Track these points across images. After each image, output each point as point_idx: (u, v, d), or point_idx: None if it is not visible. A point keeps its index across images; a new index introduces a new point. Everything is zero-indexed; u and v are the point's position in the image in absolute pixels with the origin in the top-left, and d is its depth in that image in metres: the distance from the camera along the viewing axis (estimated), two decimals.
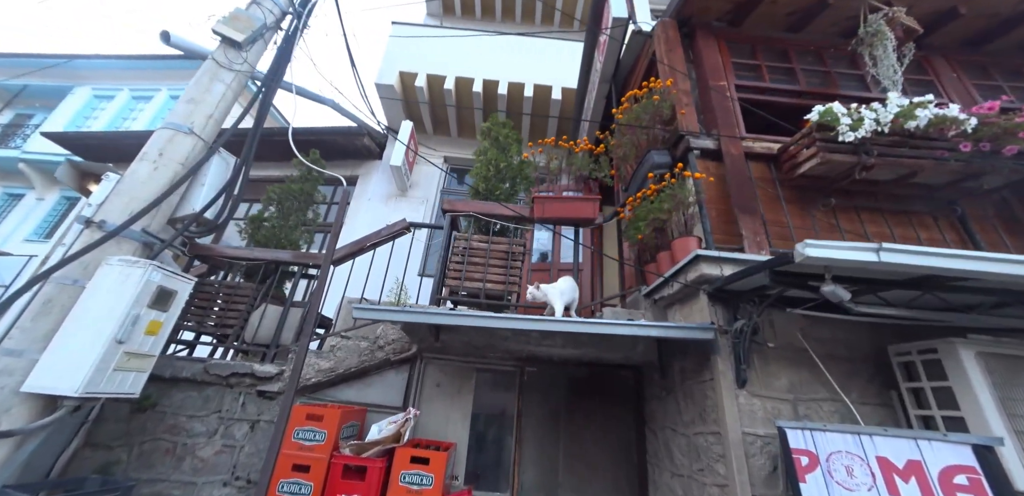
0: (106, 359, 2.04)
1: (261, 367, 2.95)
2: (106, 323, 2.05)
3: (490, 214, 3.25)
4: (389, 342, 3.07)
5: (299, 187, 4.13)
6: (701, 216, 2.54)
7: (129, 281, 2.14)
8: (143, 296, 2.19)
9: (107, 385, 2.07)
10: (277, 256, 3.43)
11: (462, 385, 3.09)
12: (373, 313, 1.98)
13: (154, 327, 2.27)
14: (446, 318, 1.99)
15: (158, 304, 2.28)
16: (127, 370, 2.16)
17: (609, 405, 3.02)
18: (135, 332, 2.15)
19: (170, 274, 2.33)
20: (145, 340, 2.25)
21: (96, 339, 2.02)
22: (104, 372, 2.04)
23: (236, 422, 2.87)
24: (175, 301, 2.39)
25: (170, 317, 2.39)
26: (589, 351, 2.70)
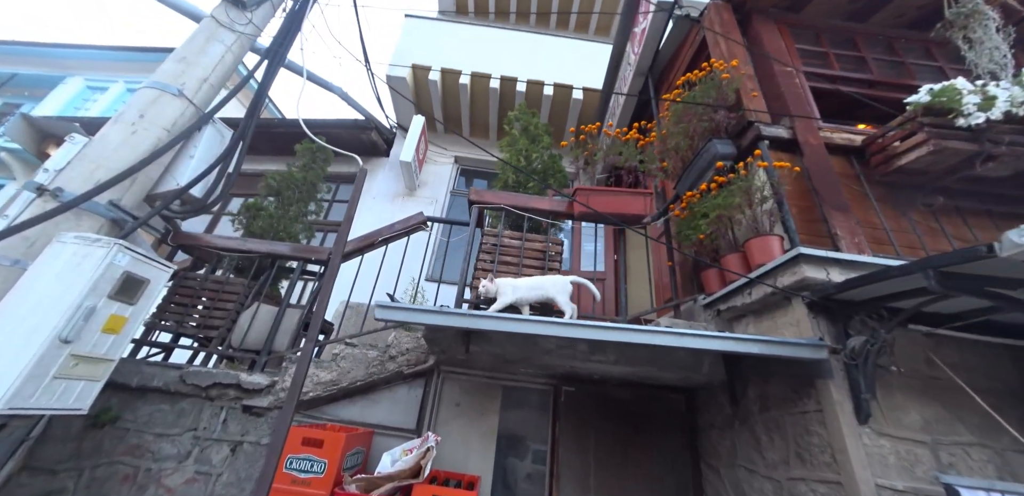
0: (43, 363, 1.57)
1: (249, 377, 2.48)
2: (48, 316, 1.60)
3: (524, 208, 2.86)
4: (402, 352, 2.62)
5: (302, 176, 3.72)
6: (782, 212, 2.17)
7: (86, 263, 1.69)
8: (103, 283, 1.73)
9: (43, 398, 1.60)
10: (274, 249, 2.99)
11: (486, 405, 2.64)
12: (401, 314, 1.56)
13: (115, 324, 1.82)
14: (498, 323, 1.57)
15: (123, 295, 1.83)
16: (73, 378, 1.70)
17: (657, 434, 2.58)
18: (88, 329, 1.69)
19: (142, 258, 1.89)
20: (102, 340, 1.78)
21: (31, 337, 1.56)
22: (39, 380, 1.57)
23: (214, 443, 2.38)
24: (146, 292, 1.94)
25: (138, 312, 1.94)
26: (644, 369, 2.28)
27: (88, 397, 1.79)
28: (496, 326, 1.59)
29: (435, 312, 1.57)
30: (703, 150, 2.69)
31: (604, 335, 1.68)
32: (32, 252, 1.76)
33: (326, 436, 2.02)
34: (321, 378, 2.52)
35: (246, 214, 3.35)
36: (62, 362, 1.62)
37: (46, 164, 1.93)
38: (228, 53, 2.46)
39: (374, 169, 6.35)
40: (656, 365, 2.25)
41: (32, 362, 1.52)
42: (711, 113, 2.65)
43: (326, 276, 1.92)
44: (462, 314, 1.59)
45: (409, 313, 1.56)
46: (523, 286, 2.31)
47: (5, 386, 1.47)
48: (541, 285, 2.33)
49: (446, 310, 1.57)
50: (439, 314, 1.56)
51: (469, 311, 1.57)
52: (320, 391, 2.48)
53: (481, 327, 1.61)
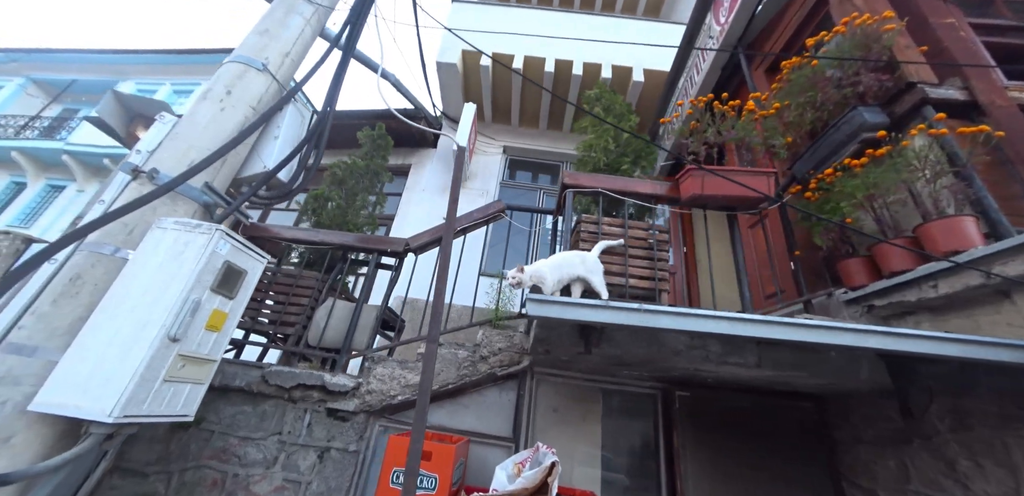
0: (154, 365, 1.41)
1: (333, 378, 2.29)
2: (155, 310, 1.43)
3: (623, 192, 2.55)
4: (494, 352, 2.38)
5: (364, 164, 3.53)
6: (973, 188, 1.78)
7: (188, 252, 1.52)
8: (206, 274, 1.55)
9: (154, 404, 1.44)
10: (347, 240, 2.80)
11: (587, 411, 2.37)
12: (560, 309, 1.26)
13: (217, 320, 1.64)
14: (689, 321, 1.25)
15: (224, 287, 1.65)
16: (181, 381, 1.53)
17: (789, 448, 2.24)
18: (194, 326, 1.52)
19: (240, 247, 1.71)
20: (205, 338, 1.61)
21: (140, 334, 1.39)
22: (151, 384, 1.41)
23: (300, 449, 2.21)
24: (244, 285, 1.76)
25: (237, 307, 1.77)
26: (786, 375, 1.94)
27: (194, 402, 1.63)
28: (685, 324, 1.27)
29: (611, 308, 1.27)
30: (841, 121, 2.30)
31: (829, 337, 1.34)
32: (132, 240, 1.61)
33: (435, 448, 1.80)
34: (409, 380, 2.31)
35: (313, 203, 3.19)
36: (171, 363, 1.46)
37: (138, 145, 1.77)
38: (307, 27, 2.26)
39: (421, 161, 6.18)
40: (805, 370, 1.91)
41: (144, 363, 1.35)
42: (853, 77, 2.25)
43: (441, 264, 1.68)
44: (643, 310, 1.30)
45: (576, 309, 1.28)
46: (552, 265, 2.03)
47: (118, 391, 1.31)
48: (568, 262, 2.04)
49: (623, 306, 1.28)
50: (615, 310, 1.27)
51: (645, 306, 1.29)
52: (409, 394, 2.27)
53: (658, 325, 1.30)
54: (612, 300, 1.76)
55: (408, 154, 6.23)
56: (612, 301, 1.28)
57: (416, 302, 4.40)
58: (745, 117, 2.54)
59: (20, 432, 1.37)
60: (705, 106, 2.67)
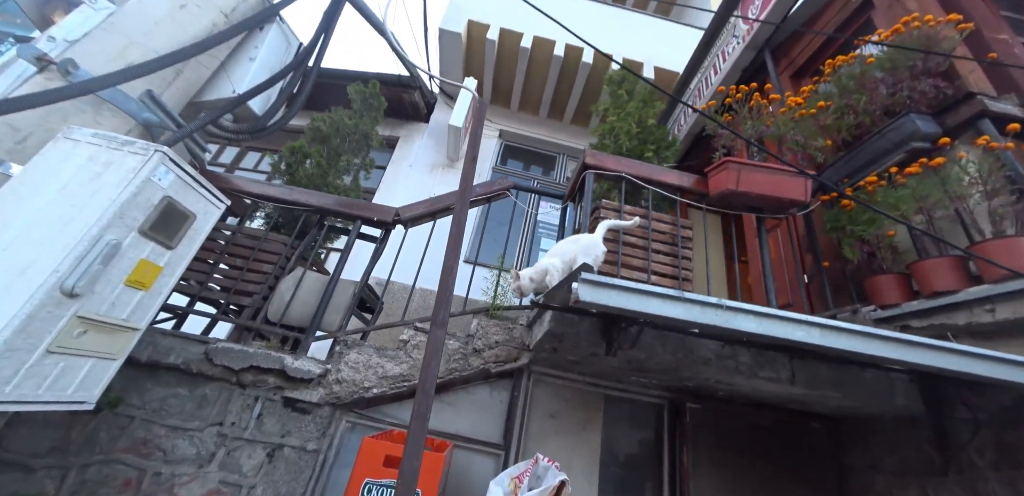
0: (33, 329, 0.99)
1: (296, 362, 1.91)
2: (47, 252, 1.00)
3: (649, 180, 2.31)
4: (489, 345, 2.07)
5: (353, 123, 3.10)
6: None
7: (109, 176, 1.10)
8: (133, 210, 1.13)
9: (27, 384, 1.02)
10: (327, 203, 2.39)
11: (587, 419, 2.12)
12: (624, 298, 0.96)
13: (146, 274, 1.23)
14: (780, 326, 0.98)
15: (160, 232, 1.23)
16: (78, 353, 1.11)
17: (797, 470, 2.09)
18: (106, 279, 1.11)
19: (190, 181, 1.30)
20: (124, 297, 1.20)
21: (16, 283, 0.97)
22: (23, 356, 0.99)
23: (246, 444, 1.82)
24: (191, 234, 1.35)
25: (177, 261, 1.36)
26: (820, 393, 1.77)
27: (97, 384, 1.21)
28: (771, 329, 1.01)
29: (685, 300, 0.99)
30: (888, 128, 2.16)
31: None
32: (23, 151, 1.16)
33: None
34: (388, 370, 1.96)
35: (289, 159, 2.73)
36: (63, 327, 1.04)
37: (52, 31, 1.29)
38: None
39: (411, 135, 5.72)
40: (840, 390, 1.74)
41: (13, 324, 0.93)
42: (910, 81, 2.11)
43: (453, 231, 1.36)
44: (724, 307, 1.03)
45: (643, 298, 0.98)
46: (555, 255, 1.86)
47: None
48: (567, 249, 1.82)
49: (699, 298, 1.00)
50: (688, 304, 0.98)
51: (726, 301, 1.03)
52: (386, 387, 1.93)
53: (737, 327, 1.04)
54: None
55: (396, 126, 5.75)
56: (686, 292, 1.02)
57: (395, 287, 3.99)
58: (786, 113, 2.36)
59: None
60: (745, 97, 2.47)
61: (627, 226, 2.07)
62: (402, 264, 2.55)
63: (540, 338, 1.81)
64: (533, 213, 4.91)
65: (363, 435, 1.94)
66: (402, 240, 2.42)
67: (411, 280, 2.37)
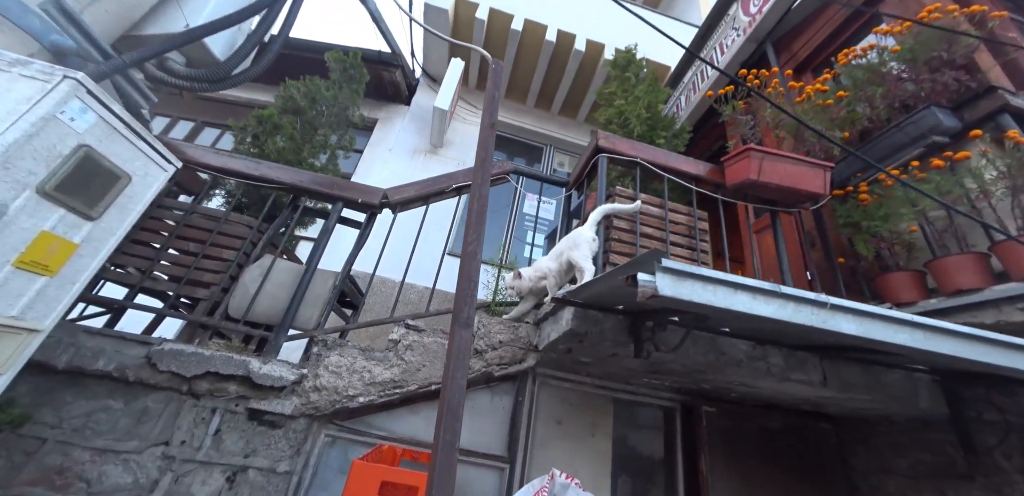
0: None
1: (264, 367, 1.60)
2: None
3: (664, 167, 2.14)
4: (493, 345, 1.84)
5: (332, 94, 2.75)
6: None
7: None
8: (23, 156, 0.80)
9: None
10: (301, 180, 2.06)
11: (596, 424, 1.93)
12: (718, 293, 0.74)
13: (51, 253, 0.91)
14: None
15: (75, 194, 0.91)
16: None
17: (811, 472, 2.01)
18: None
19: (121, 127, 0.97)
20: (13, 283, 0.86)
21: None
22: None
23: (199, 467, 1.50)
24: (121, 202, 1.03)
25: (101, 237, 1.03)
26: (849, 396, 1.67)
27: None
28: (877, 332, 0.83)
29: (781, 295, 0.79)
30: (907, 121, 2.10)
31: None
32: None
33: (420, 480, 1.22)
34: (376, 376, 1.68)
35: (257, 129, 2.35)
36: None
37: None
38: None
39: (391, 118, 5.33)
40: (870, 392, 1.64)
41: None
42: (930, 74, 2.05)
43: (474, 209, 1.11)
44: (830, 305, 0.84)
45: (728, 292, 0.77)
46: (552, 256, 1.80)
47: None
48: (562, 247, 1.77)
49: (798, 293, 0.80)
50: (783, 300, 0.79)
51: (831, 298, 0.85)
52: (375, 395, 1.65)
53: (837, 329, 0.85)
54: None
55: (375, 107, 5.33)
56: (782, 286, 0.84)
57: (374, 281, 3.62)
58: (805, 102, 2.26)
59: None
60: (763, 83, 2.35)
61: (627, 210, 1.91)
62: (385, 255, 2.25)
63: (555, 338, 1.60)
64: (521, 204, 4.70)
65: (345, 451, 1.66)
66: (390, 227, 2.13)
67: (392, 274, 2.10)
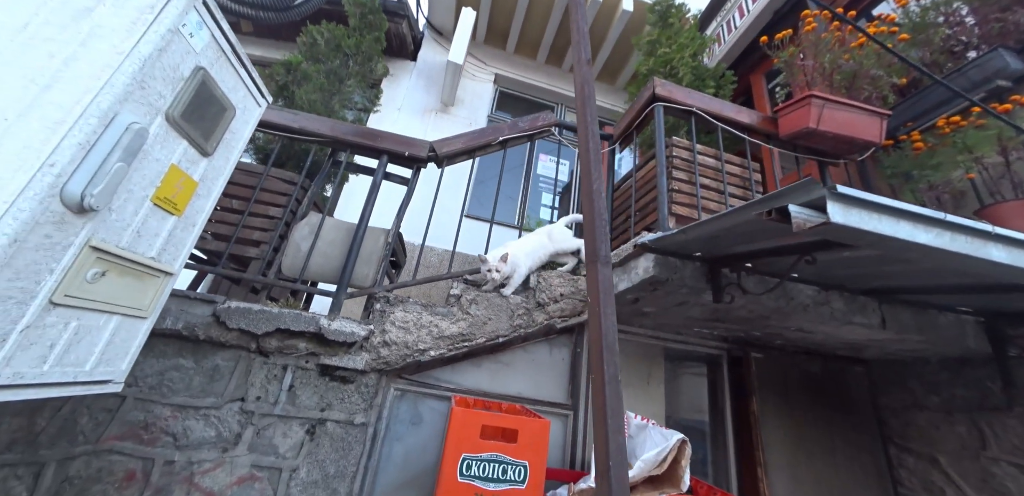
0: (22, 265, 0.60)
1: (333, 323, 1.57)
2: (23, 131, 0.56)
3: (720, 116, 2.06)
4: (555, 298, 1.84)
5: (355, 41, 2.54)
6: None
7: (106, 12, 0.64)
8: (155, 75, 0.70)
9: (20, 359, 0.62)
10: (342, 133, 1.94)
11: (650, 373, 1.99)
12: (889, 221, 0.72)
13: (179, 190, 0.83)
14: None
15: (194, 122, 0.81)
16: (94, 307, 0.72)
17: (850, 414, 2.12)
18: (129, 190, 0.70)
19: (232, 54, 0.86)
20: (151, 222, 0.80)
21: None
22: (14, 310, 0.59)
23: (278, 421, 1.51)
24: (228, 139, 0.93)
25: (214, 177, 0.95)
26: (904, 337, 1.72)
27: (125, 354, 0.83)
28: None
29: (943, 223, 0.77)
30: (971, 65, 2.04)
31: None
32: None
33: (523, 425, 1.25)
34: (444, 330, 1.68)
35: (286, 78, 2.17)
36: (71, 263, 0.63)
37: None
38: None
39: (398, 75, 5.01)
40: (922, 333, 1.70)
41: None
42: (1000, 12, 1.97)
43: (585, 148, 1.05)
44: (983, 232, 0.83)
45: (893, 220, 0.75)
46: (526, 252, 1.89)
47: None
48: (539, 244, 1.96)
49: (957, 221, 0.79)
50: (944, 226, 0.77)
51: (994, 227, 0.84)
52: (444, 349, 1.66)
53: (988, 257, 0.83)
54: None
55: None
56: (946, 214, 0.82)
57: (410, 247, 3.54)
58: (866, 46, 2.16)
59: None
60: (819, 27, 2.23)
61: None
62: (420, 213, 2.20)
63: (626, 288, 1.59)
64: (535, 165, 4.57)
65: (415, 404, 1.69)
66: (439, 182, 2.05)
67: (412, 238, 2.05)
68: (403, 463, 1.60)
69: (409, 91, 4.85)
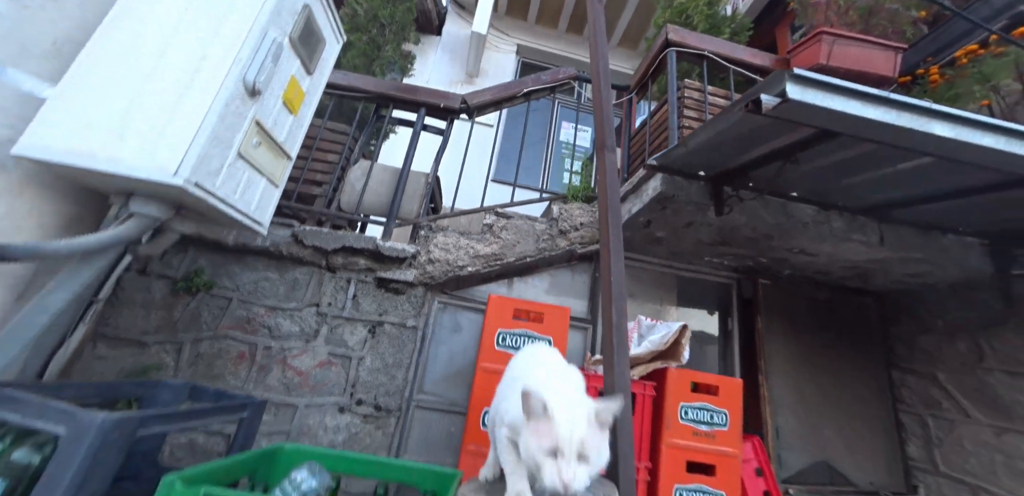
0: (227, 122, 0.94)
1: (387, 243, 1.88)
2: (220, 39, 0.92)
3: (731, 59, 2.18)
4: (575, 226, 2.07)
5: (388, 12, 2.78)
6: None
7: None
8: (285, 12, 1.02)
9: (228, 185, 0.98)
10: (386, 89, 2.22)
11: (663, 298, 2.21)
12: (836, 100, 0.89)
13: (295, 96, 1.14)
14: None
15: (304, 47, 1.12)
16: (256, 168, 1.07)
17: (854, 338, 2.27)
18: (274, 86, 1.03)
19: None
20: (281, 115, 1.13)
21: (202, 68, 0.89)
22: (224, 151, 0.94)
23: (345, 322, 1.85)
24: (321, 64, 1.23)
25: (314, 91, 1.27)
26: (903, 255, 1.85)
27: (267, 210, 1.17)
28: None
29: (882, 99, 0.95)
30: None
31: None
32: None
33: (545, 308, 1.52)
34: (479, 251, 1.96)
35: None
36: (247, 129, 0.98)
37: None
38: None
39: (425, 49, 5.24)
40: (924, 251, 1.82)
41: (215, 111, 0.87)
42: None
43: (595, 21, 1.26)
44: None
45: (846, 99, 0.94)
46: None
47: (181, 143, 0.81)
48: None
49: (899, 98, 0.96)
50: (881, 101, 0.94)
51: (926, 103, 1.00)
52: (480, 266, 1.94)
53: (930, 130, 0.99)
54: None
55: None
56: (889, 93, 0.99)
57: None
58: None
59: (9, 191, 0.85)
60: None
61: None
62: (452, 172, 2.44)
63: (638, 210, 1.80)
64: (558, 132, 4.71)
65: (455, 315, 2.00)
66: (470, 131, 2.30)
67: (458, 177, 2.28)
68: (447, 361, 1.93)
69: (435, 64, 5.07)
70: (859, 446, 2.09)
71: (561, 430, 0.69)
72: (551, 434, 0.69)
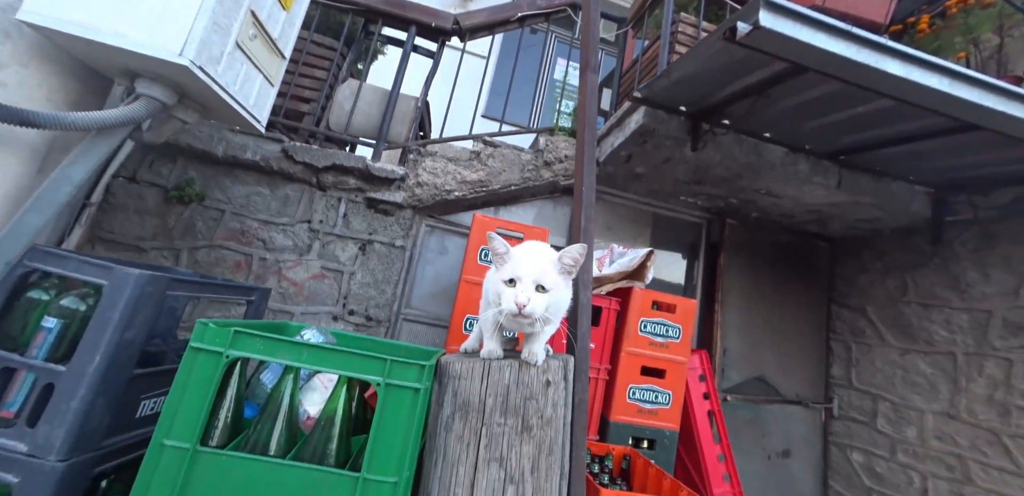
0: (225, 8, 0.94)
1: (377, 163, 1.93)
2: None
3: None
4: (560, 159, 2.14)
5: None
6: None
7: None
8: None
9: (228, 74, 1.01)
10: (374, 2, 2.10)
11: (638, 233, 2.38)
12: (803, 31, 0.96)
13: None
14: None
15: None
16: (252, 62, 1.09)
17: (802, 277, 2.52)
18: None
19: None
20: (274, 10, 1.12)
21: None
22: (223, 38, 0.96)
23: (337, 239, 1.95)
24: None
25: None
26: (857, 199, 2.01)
27: (264, 108, 1.20)
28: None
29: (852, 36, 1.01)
30: None
31: None
32: None
33: (525, 229, 1.64)
34: (466, 177, 2.03)
35: None
36: (243, 19, 0.99)
37: None
38: None
39: None
40: (876, 196, 1.99)
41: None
42: None
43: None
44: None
45: (813, 31, 0.99)
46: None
47: (183, 25, 0.83)
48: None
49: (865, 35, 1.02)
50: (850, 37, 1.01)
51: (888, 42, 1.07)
52: (466, 191, 2.02)
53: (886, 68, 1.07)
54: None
55: None
56: (853, 28, 1.05)
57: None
58: None
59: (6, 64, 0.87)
60: None
61: None
62: (441, 91, 2.38)
63: (621, 143, 1.88)
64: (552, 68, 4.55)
65: (441, 238, 2.11)
66: (461, 54, 2.24)
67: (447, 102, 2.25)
68: (434, 280, 2.08)
69: None
70: (792, 366, 2.42)
71: (520, 263, 0.81)
72: (510, 268, 0.81)
